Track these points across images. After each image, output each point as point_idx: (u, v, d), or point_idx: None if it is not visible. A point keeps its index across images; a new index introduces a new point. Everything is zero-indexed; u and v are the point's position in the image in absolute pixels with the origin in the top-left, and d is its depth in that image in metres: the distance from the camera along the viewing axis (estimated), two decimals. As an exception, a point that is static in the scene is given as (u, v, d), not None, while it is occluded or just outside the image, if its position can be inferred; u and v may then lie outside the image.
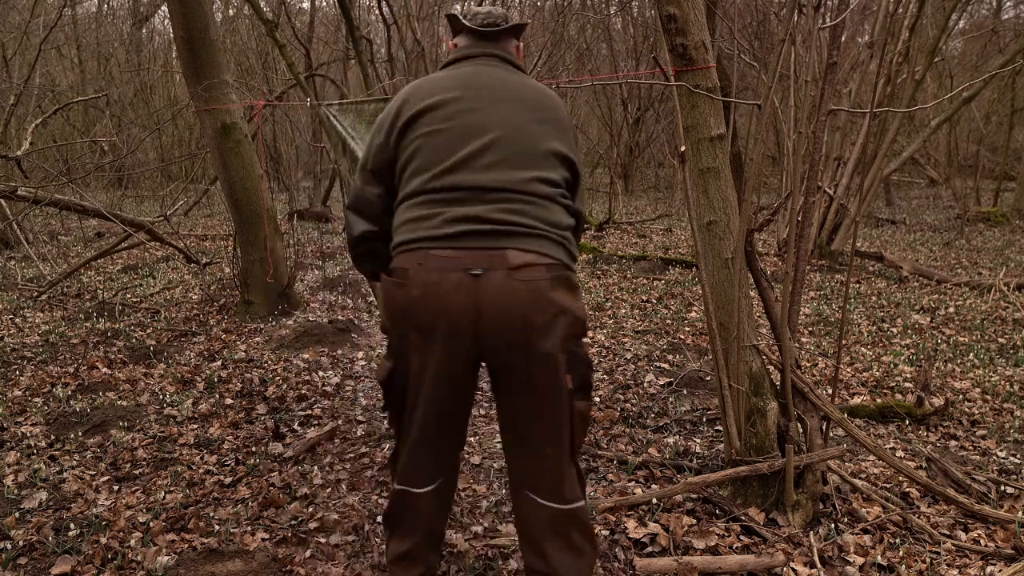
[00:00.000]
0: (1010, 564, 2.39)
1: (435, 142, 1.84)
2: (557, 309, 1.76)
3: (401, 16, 10.30)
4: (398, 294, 1.81)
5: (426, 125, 1.85)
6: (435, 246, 1.76)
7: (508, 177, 1.79)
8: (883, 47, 7.76)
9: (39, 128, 8.86)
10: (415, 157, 1.85)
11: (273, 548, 2.48)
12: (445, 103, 1.86)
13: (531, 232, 1.77)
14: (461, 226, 1.76)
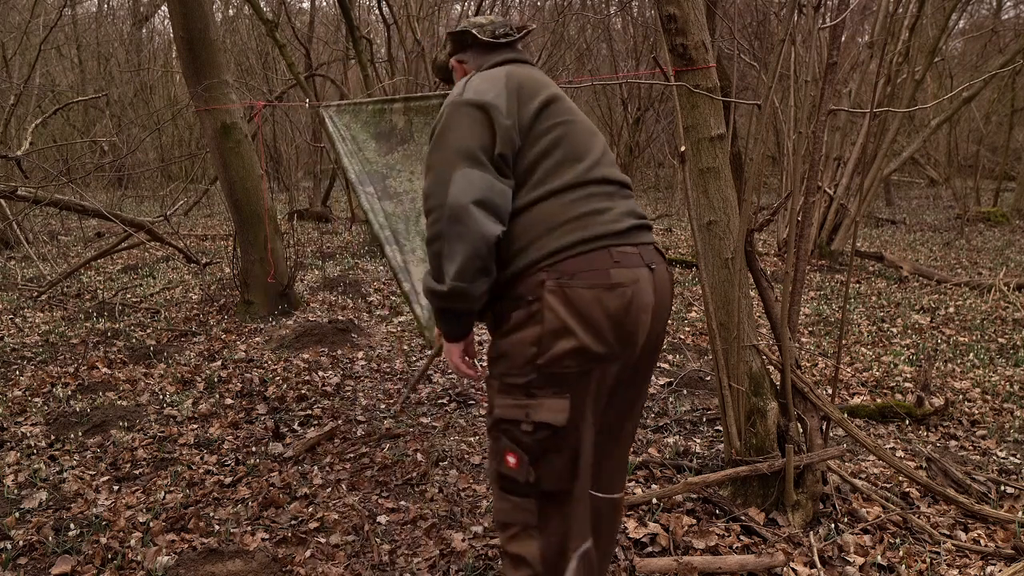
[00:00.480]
0: (1010, 564, 2.39)
1: (575, 131, 1.72)
2: (673, 297, 1.83)
3: (401, 16, 10.29)
4: (612, 301, 1.57)
5: (558, 115, 1.72)
6: (616, 243, 1.62)
7: (625, 177, 1.80)
8: (883, 47, 7.76)
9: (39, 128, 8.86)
10: (558, 146, 1.68)
11: (273, 548, 2.48)
12: (559, 97, 1.76)
13: (651, 227, 1.79)
14: (631, 220, 1.69)
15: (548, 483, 1.63)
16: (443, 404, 3.88)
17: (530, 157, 1.66)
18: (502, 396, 1.64)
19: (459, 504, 2.79)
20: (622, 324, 1.59)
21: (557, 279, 1.56)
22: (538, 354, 1.57)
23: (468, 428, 3.56)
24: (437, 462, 3.16)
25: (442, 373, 4.37)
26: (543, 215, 1.62)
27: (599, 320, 1.57)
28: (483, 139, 1.61)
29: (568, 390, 1.59)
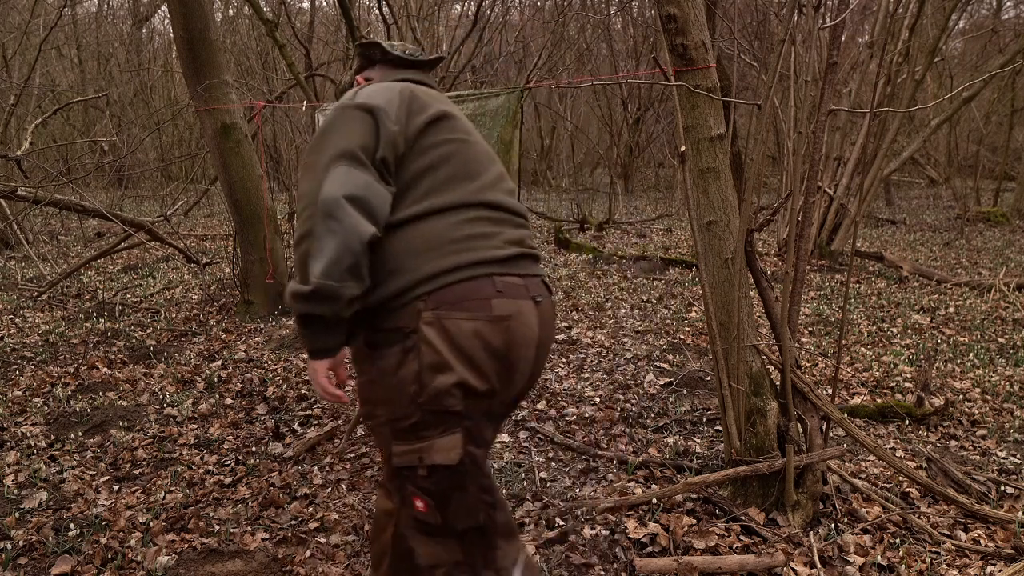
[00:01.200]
0: (1010, 564, 2.39)
1: (468, 150, 1.64)
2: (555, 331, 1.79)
3: (401, 16, 10.29)
4: (493, 336, 1.50)
5: (451, 131, 1.64)
6: (500, 272, 1.54)
7: (519, 205, 1.74)
8: (883, 47, 7.76)
9: (39, 128, 8.86)
10: (447, 162, 1.59)
11: (273, 548, 2.48)
12: (455, 115, 1.69)
13: (539, 258, 1.75)
14: (517, 248, 1.62)
15: (460, 522, 1.56)
16: (443, 404, 3.88)
17: (414, 169, 1.56)
18: (396, 443, 1.54)
19: (459, 504, 2.79)
20: (504, 359, 1.53)
21: (435, 310, 1.47)
22: (418, 392, 1.48)
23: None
24: (437, 462, 3.15)
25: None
26: (423, 234, 1.52)
27: (479, 355, 1.49)
28: (365, 140, 1.52)
29: (457, 425, 1.51)
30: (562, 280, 7.13)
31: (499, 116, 3.12)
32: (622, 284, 7.00)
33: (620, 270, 7.70)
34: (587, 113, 18.05)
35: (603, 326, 5.44)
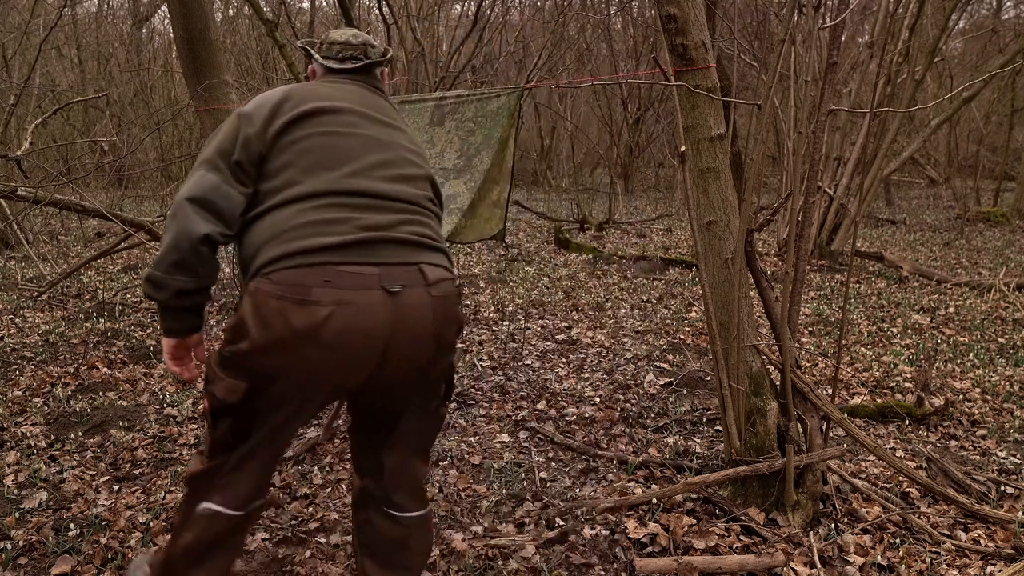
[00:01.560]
0: (1010, 564, 2.39)
1: (334, 142, 1.69)
2: (459, 324, 1.76)
3: (401, 16, 10.29)
4: (297, 318, 1.54)
5: (320, 125, 1.71)
6: (346, 260, 1.57)
7: (408, 191, 1.73)
8: (883, 47, 7.76)
9: (39, 128, 8.86)
10: (309, 154, 1.67)
11: (273, 548, 2.48)
12: (339, 110, 1.75)
13: (437, 247, 1.73)
14: (373, 234, 1.61)
15: (215, 435, 1.72)
16: (443, 404, 3.88)
17: (275, 165, 1.66)
18: (215, 359, 1.70)
19: (459, 504, 2.79)
20: (320, 343, 1.55)
21: (258, 286, 1.58)
22: (226, 343, 1.65)
23: (468, 428, 3.56)
24: (437, 462, 3.16)
25: (442, 373, 4.37)
26: (272, 223, 1.62)
27: (279, 332, 1.55)
28: (224, 145, 1.66)
29: (248, 380, 1.62)
30: (562, 280, 7.13)
31: (500, 116, 3.12)
32: (622, 284, 7.00)
33: (620, 270, 7.70)
34: (587, 113, 18.05)
35: (603, 326, 5.44)
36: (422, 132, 3.29)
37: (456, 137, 3.16)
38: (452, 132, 3.19)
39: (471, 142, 3.10)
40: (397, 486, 1.87)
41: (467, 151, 3.09)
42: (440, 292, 1.67)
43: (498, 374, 4.36)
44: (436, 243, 1.73)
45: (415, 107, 3.40)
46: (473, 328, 5.37)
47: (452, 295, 1.71)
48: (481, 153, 3.05)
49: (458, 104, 3.24)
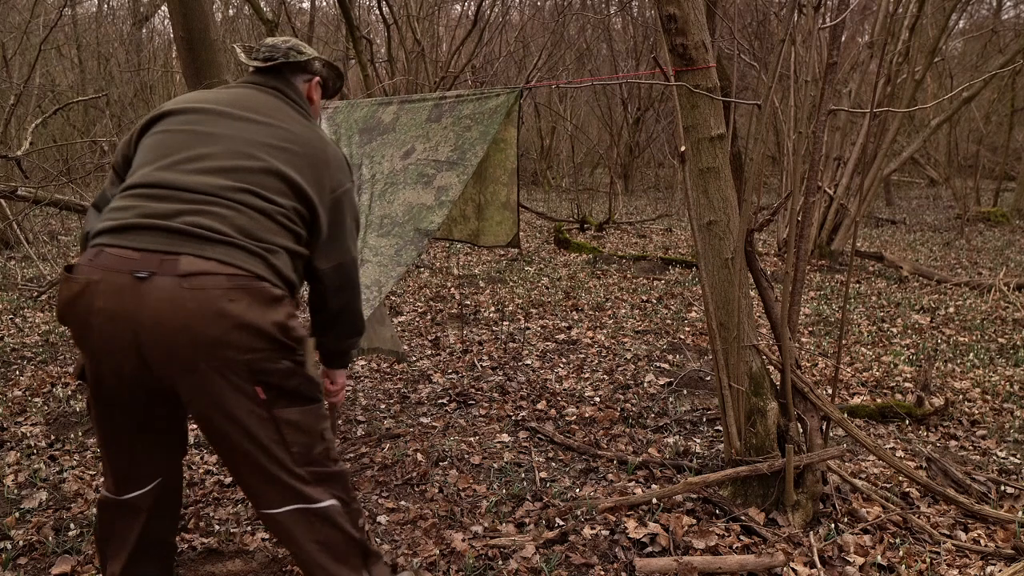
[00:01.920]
0: (1010, 564, 2.39)
1: (163, 140, 1.80)
2: (233, 322, 1.61)
3: (401, 16, 10.30)
4: (62, 291, 1.67)
5: (164, 125, 1.83)
6: (113, 243, 1.63)
7: (214, 183, 1.71)
8: (883, 47, 7.76)
9: (39, 128, 8.86)
10: (146, 151, 1.80)
11: (273, 548, 2.48)
12: (191, 110, 1.85)
13: (222, 240, 1.65)
14: (147, 220, 1.65)
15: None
16: (443, 404, 3.88)
17: (133, 163, 1.83)
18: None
19: (459, 504, 2.79)
20: (67, 315, 1.67)
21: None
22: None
23: (468, 428, 3.56)
24: (437, 462, 3.16)
25: (442, 373, 4.37)
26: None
27: (58, 304, 1.70)
28: (116, 154, 1.91)
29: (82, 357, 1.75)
30: (562, 280, 7.13)
31: (497, 114, 3.11)
32: (622, 284, 7.00)
33: (620, 270, 7.70)
34: (587, 113, 18.04)
35: (603, 326, 5.44)
36: (418, 128, 3.29)
37: (452, 132, 3.16)
38: (448, 128, 3.18)
39: (466, 137, 3.10)
40: (245, 485, 1.82)
41: (461, 145, 3.08)
42: (195, 285, 1.59)
43: (498, 374, 4.36)
44: (221, 236, 1.65)
45: (414, 106, 3.40)
46: (473, 328, 5.37)
47: (215, 290, 1.60)
48: (476, 147, 3.04)
49: (457, 103, 3.24)
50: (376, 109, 3.50)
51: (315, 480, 1.81)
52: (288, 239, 1.78)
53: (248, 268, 1.66)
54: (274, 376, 1.71)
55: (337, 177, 1.91)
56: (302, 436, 1.78)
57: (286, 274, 1.76)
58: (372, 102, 3.56)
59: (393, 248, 2.98)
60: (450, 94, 3.32)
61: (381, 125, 3.43)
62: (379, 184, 3.21)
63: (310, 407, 1.80)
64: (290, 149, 1.83)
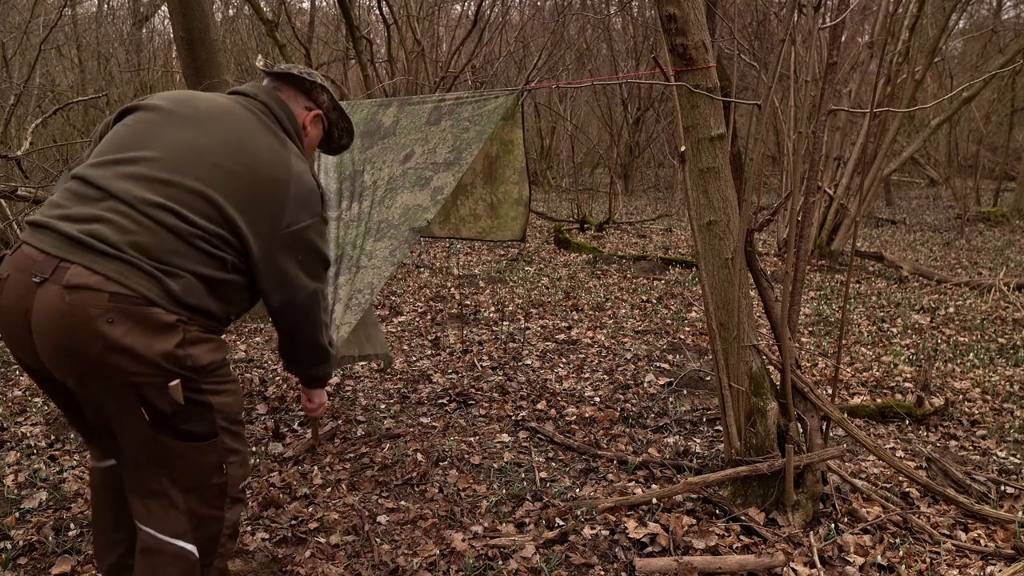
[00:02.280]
0: (1010, 564, 2.39)
1: (118, 133, 1.75)
2: (109, 345, 1.54)
3: (401, 16, 10.30)
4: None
5: (129, 119, 1.77)
6: (29, 240, 1.61)
7: (136, 192, 1.63)
8: (883, 47, 7.76)
9: (39, 128, 8.85)
10: (101, 142, 1.77)
11: (273, 548, 2.48)
12: (158, 109, 1.78)
13: (115, 255, 1.57)
14: (60, 221, 1.59)
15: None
16: (443, 404, 3.88)
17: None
18: None
19: (459, 504, 2.79)
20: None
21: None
22: None
23: (468, 428, 3.56)
24: (437, 462, 3.16)
25: (442, 373, 4.37)
26: None
27: None
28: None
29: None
30: (562, 280, 7.13)
31: (495, 115, 3.12)
32: (622, 284, 7.00)
33: (620, 270, 7.70)
34: (587, 113, 18.03)
35: (603, 326, 5.44)
36: (417, 131, 3.31)
37: (450, 134, 3.18)
38: (447, 130, 3.21)
39: (463, 138, 3.13)
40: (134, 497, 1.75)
41: (458, 146, 3.11)
42: (75, 300, 1.53)
43: (498, 374, 4.36)
44: (118, 252, 1.57)
45: (414, 108, 3.41)
46: (473, 328, 5.37)
47: (93, 308, 1.53)
48: (471, 147, 3.07)
49: (456, 105, 3.25)
50: (376, 111, 3.51)
51: (189, 515, 1.71)
52: (203, 264, 1.66)
53: (136, 289, 1.56)
54: (160, 403, 1.62)
55: (296, 213, 1.78)
56: (190, 467, 1.70)
57: (188, 300, 1.63)
58: (372, 103, 3.56)
59: (387, 249, 3.00)
60: (449, 97, 3.32)
61: (382, 129, 3.44)
62: (380, 190, 3.22)
63: (200, 444, 1.70)
64: (236, 173, 1.72)
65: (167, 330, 1.59)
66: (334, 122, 2.07)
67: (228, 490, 1.76)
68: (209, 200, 1.68)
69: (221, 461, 1.73)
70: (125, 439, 1.69)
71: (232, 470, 1.76)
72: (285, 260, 1.79)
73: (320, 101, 2.00)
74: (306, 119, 1.98)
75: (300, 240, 1.80)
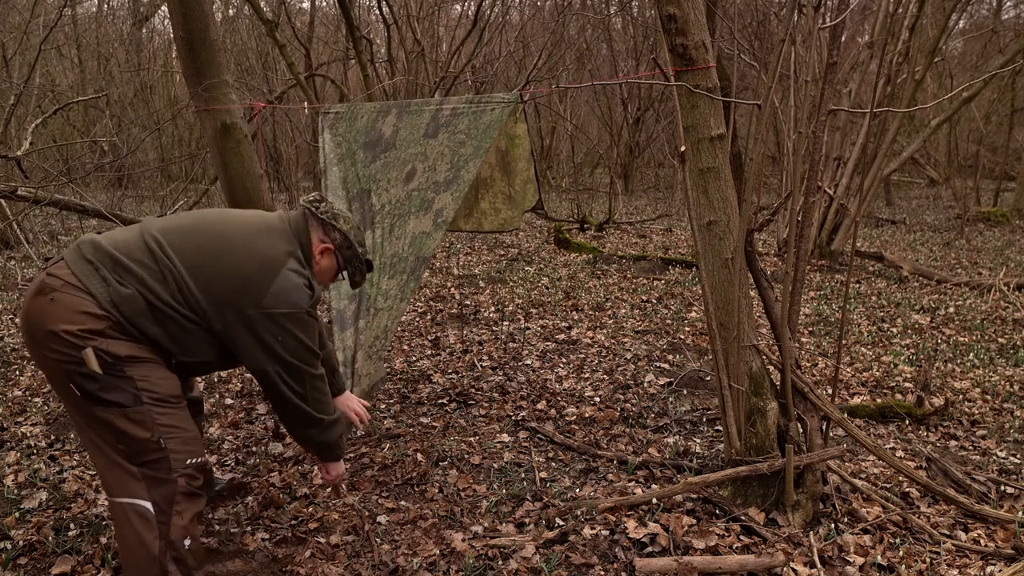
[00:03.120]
0: (1010, 564, 2.39)
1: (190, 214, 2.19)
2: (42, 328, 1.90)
3: (401, 16, 10.29)
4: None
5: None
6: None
7: (164, 253, 2.04)
8: (883, 47, 7.76)
9: (39, 128, 8.85)
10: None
11: (273, 548, 2.48)
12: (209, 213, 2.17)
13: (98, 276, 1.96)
14: (74, 248, 2.00)
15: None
16: (443, 404, 3.88)
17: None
18: None
19: (459, 504, 2.79)
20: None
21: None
22: None
23: (468, 428, 3.56)
24: (437, 462, 3.16)
25: (442, 373, 4.37)
26: None
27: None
28: None
29: None
30: (562, 280, 7.13)
31: (491, 130, 3.15)
32: (622, 284, 7.00)
33: (620, 270, 7.70)
34: (587, 113, 18.03)
35: (603, 326, 5.44)
36: (417, 144, 3.35)
37: (447, 149, 3.22)
38: (444, 144, 3.25)
39: (461, 153, 3.17)
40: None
41: (456, 163, 3.17)
42: (37, 298, 1.92)
43: (498, 374, 4.36)
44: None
45: (412, 118, 3.42)
46: (473, 328, 5.37)
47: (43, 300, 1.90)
48: (469, 164, 3.12)
49: (453, 116, 3.27)
50: (376, 118, 3.52)
51: (143, 478, 1.93)
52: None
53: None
54: (77, 378, 1.89)
55: (273, 300, 2.04)
56: (126, 438, 1.92)
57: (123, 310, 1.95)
58: (372, 108, 3.57)
59: (398, 286, 3.09)
60: (447, 105, 3.34)
61: (382, 140, 3.46)
62: (388, 217, 3.31)
63: (127, 410, 1.92)
64: (215, 260, 2.02)
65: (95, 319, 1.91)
66: (348, 259, 2.28)
67: (172, 464, 1.96)
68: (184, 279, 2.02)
69: (155, 435, 1.93)
70: (70, 415, 2.01)
71: (173, 444, 1.96)
72: (256, 334, 2.03)
73: (332, 238, 2.23)
74: (319, 248, 2.22)
75: (273, 322, 2.04)
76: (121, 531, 1.95)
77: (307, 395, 2.14)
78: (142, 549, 1.92)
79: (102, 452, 1.94)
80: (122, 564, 1.97)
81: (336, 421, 2.27)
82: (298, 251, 2.14)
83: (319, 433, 2.23)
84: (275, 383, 2.09)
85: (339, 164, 3.53)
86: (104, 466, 1.96)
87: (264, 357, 2.05)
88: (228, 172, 5.40)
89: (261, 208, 5.46)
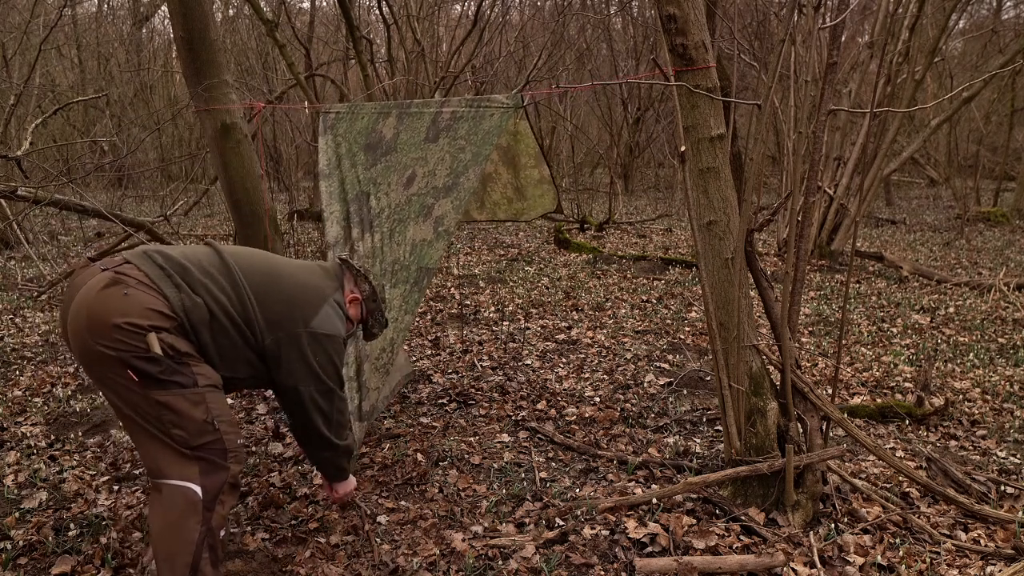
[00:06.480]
0: (1010, 564, 2.39)
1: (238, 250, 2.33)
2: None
3: (401, 16, 10.29)
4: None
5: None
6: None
7: (223, 277, 2.16)
8: (883, 47, 7.76)
9: (39, 128, 8.85)
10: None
11: (273, 548, 2.48)
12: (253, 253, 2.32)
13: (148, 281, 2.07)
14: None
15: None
16: (443, 404, 3.88)
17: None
18: None
19: (459, 504, 2.79)
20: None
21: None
22: None
23: (468, 428, 3.56)
24: (437, 462, 3.16)
25: (442, 373, 4.37)
26: None
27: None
28: None
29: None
30: (562, 280, 7.13)
31: (490, 136, 3.15)
32: (622, 284, 7.00)
33: (620, 270, 7.70)
34: (587, 113, 18.03)
35: (603, 326, 5.44)
36: (417, 148, 3.34)
37: (447, 154, 3.22)
38: (444, 150, 3.24)
39: (460, 159, 3.17)
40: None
41: (456, 168, 3.16)
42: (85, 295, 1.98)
43: (498, 374, 4.36)
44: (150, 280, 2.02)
45: (413, 121, 3.42)
46: (473, 328, 5.37)
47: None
48: (468, 171, 3.11)
49: (454, 120, 3.27)
50: (376, 120, 3.51)
51: (198, 461, 1.99)
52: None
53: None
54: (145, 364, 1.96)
55: (321, 323, 2.23)
56: (184, 420, 1.98)
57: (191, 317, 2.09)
58: (372, 109, 3.57)
59: (400, 297, 3.07)
60: (447, 108, 3.33)
61: (383, 143, 3.45)
62: (387, 222, 3.30)
63: (186, 391, 1.99)
64: (254, 306, 2.15)
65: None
66: (371, 311, 2.51)
67: (227, 445, 2.03)
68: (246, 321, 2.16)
69: (209, 416, 2.00)
70: (117, 405, 2.02)
71: (224, 427, 2.03)
72: (300, 350, 2.18)
73: (362, 289, 2.48)
74: (348, 297, 2.43)
75: (317, 342, 2.21)
76: (163, 514, 1.97)
77: (331, 416, 2.29)
78: (184, 533, 1.95)
79: (155, 437, 1.98)
80: (155, 548, 1.97)
81: (349, 448, 2.43)
82: (339, 292, 2.37)
83: (335, 456, 2.39)
84: (304, 401, 2.22)
85: (339, 165, 3.52)
86: (157, 448, 1.99)
87: (302, 374, 2.19)
88: (228, 172, 5.40)
89: (261, 208, 5.47)
